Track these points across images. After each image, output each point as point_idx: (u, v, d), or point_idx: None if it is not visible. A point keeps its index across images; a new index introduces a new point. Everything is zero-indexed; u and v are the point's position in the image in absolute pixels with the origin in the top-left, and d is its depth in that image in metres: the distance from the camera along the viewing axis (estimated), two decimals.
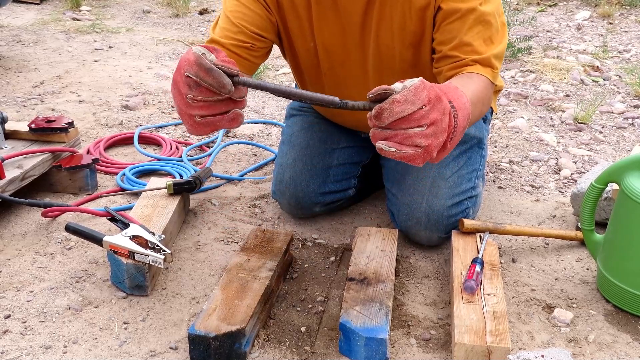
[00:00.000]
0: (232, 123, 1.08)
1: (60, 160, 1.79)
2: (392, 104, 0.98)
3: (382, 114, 0.99)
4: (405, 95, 0.98)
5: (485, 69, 1.33)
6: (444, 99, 1.03)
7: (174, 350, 1.20)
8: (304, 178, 1.65)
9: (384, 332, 1.14)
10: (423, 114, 1.00)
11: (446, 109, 1.03)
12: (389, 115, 0.99)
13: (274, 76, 3.08)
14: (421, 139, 1.01)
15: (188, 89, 1.05)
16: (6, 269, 1.45)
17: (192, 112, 1.07)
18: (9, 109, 2.46)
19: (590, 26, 3.99)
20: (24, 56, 3.21)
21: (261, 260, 1.36)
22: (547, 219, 1.74)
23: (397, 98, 0.98)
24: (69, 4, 4.34)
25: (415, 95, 0.99)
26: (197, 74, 1.03)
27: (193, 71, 1.03)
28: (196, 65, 1.03)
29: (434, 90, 1.02)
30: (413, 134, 1.00)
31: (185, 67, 1.04)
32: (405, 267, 1.51)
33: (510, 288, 1.42)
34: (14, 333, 1.24)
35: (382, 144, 1.02)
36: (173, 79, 1.10)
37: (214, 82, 1.02)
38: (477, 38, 1.34)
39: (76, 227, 1.41)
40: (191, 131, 1.12)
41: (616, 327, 1.29)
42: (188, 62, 1.04)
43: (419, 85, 1.00)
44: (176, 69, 1.09)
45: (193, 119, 1.08)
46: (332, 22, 1.44)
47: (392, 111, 0.98)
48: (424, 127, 1.01)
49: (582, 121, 2.45)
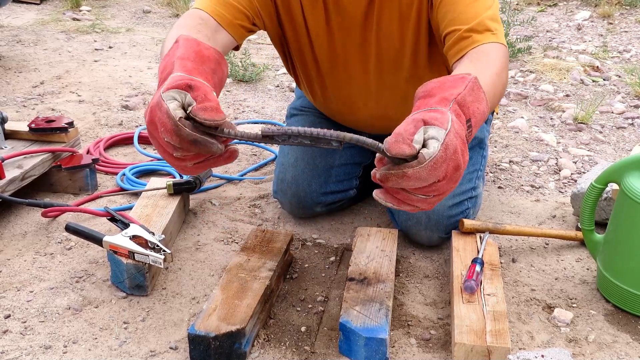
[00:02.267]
0: (228, 160, 1.00)
1: (60, 160, 1.79)
2: (401, 177, 0.88)
3: (388, 180, 0.90)
4: (419, 173, 0.87)
5: (484, 35, 1.23)
6: (463, 156, 0.92)
7: (174, 350, 1.20)
8: (306, 178, 1.64)
9: (384, 332, 1.14)
10: (434, 188, 0.91)
11: (462, 166, 0.92)
12: (395, 184, 0.90)
13: (274, 76, 3.08)
14: (424, 205, 0.94)
15: (173, 149, 0.95)
16: (6, 269, 1.45)
17: (183, 163, 0.99)
18: (9, 109, 2.46)
19: (590, 26, 3.99)
20: (24, 56, 3.21)
21: (261, 260, 1.37)
22: (547, 219, 1.74)
23: (409, 174, 0.88)
24: (69, 4, 4.34)
25: (431, 172, 0.88)
26: (180, 144, 0.93)
27: (175, 141, 0.93)
28: (176, 135, 0.91)
29: (456, 157, 0.90)
30: (416, 199, 0.93)
31: (163, 133, 0.93)
32: (405, 267, 1.51)
33: (510, 288, 1.42)
34: (14, 333, 1.24)
35: (379, 196, 0.94)
36: (149, 132, 0.98)
37: (201, 151, 0.94)
38: (467, 7, 1.25)
39: (76, 227, 1.41)
40: (185, 174, 1.05)
41: (616, 327, 1.29)
42: (165, 128, 0.92)
43: (438, 159, 0.87)
44: (148, 120, 0.96)
45: (185, 167, 1.00)
46: (333, 23, 1.44)
47: (398, 184, 0.90)
48: (431, 196, 0.93)
49: (582, 121, 2.45)
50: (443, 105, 0.96)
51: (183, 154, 0.95)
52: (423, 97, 1.01)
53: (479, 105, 1.01)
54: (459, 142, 0.91)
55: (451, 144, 0.89)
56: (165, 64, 1.06)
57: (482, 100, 1.02)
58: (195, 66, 1.02)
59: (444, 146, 0.88)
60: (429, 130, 0.90)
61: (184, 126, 0.91)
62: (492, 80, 1.12)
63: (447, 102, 0.96)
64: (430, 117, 0.92)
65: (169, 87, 0.94)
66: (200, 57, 1.05)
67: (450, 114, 0.93)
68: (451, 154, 0.89)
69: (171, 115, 0.91)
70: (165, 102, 0.92)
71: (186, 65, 1.01)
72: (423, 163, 0.87)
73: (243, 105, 2.66)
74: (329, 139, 0.91)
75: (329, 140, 0.92)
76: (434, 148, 0.88)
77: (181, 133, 0.91)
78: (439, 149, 0.87)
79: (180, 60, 1.02)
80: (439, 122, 0.91)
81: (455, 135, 0.91)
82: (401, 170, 0.88)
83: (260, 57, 3.43)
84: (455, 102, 0.97)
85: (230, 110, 2.59)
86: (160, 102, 0.93)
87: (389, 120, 1.54)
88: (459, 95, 0.98)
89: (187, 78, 0.96)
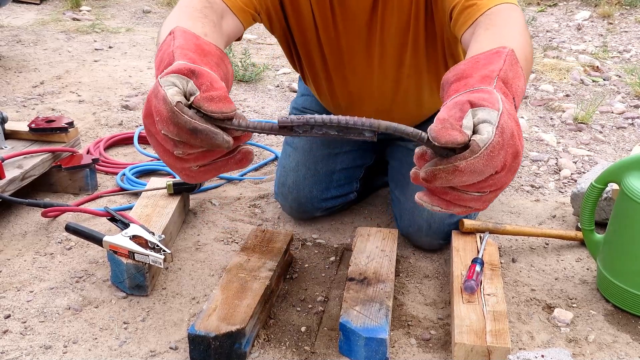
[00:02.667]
0: (241, 164, 0.85)
1: (60, 160, 1.79)
2: (452, 172, 0.73)
3: (435, 179, 0.75)
4: (474, 165, 0.72)
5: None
6: (520, 140, 0.78)
7: (174, 350, 1.20)
8: (307, 183, 1.64)
9: (384, 332, 1.14)
10: (491, 182, 0.77)
11: (521, 152, 0.78)
12: (444, 182, 0.75)
13: (274, 76, 3.08)
14: (478, 204, 0.80)
15: (173, 145, 0.81)
16: (6, 269, 1.45)
17: (186, 165, 0.84)
18: (9, 109, 2.46)
19: (590, 26, 3.99)
20: (24, 56, 3.21)
21: (261, 260, 1.36)
22: (547, 219, 1.74)
23: (461, 167, 0.72)
24: (69, 4, 4.34)
25: (488, 163, 0.73)
26: (178, 136, 0.78)
27: (172, 132, 0.78)
28: (173, 125, 0.77)
29: (514, 142, 0.76)
30: (469, 198, 0.79)
31: (160, 124, 0.79)
32: (405, 267, 1.51)
33: (510, 288, 1.42)
34: (14, 333, 1.24)
35: (423, 199, 0.80)
36: (146, 129, 0.85)
37: (204, 144, 0.79)
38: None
39: (76, 227, 1.41)
40: (189, 181, 0.89)
41: (616, 327, 1.29)
42: (161, 118, 0.78)
43: (495, 146, 0.73)
44: (145, 112, 0.83)
45: (188, 171, 0.85)
46: (339, 22, 1.41)
47: (449, 181, 0.74)
48: (487, 192, 0.79)
49: (582, 121, 2.45)
50: (486, 83, 0.82)
51: (185, 151, 0.81)
52: (457, 80, 0.87)
53: (518, 82, 0.88)
54: (513, 123, 0.77)
55: (507, 127, 0.75)
56: (162, 55, 0.93)
57: (521, 77, 0.89)
58: (199, 57, 0.89)
59: (499, 130, 0.73)
60: (479, 113, 0.76)
61: (182, 112, 0.77)
62: (522, 49, 0.96)
63: (490, 80, 0.83)
64: (477, 97, 0.77)
65: (168, 72, 0.81)
66: (201, 50, 0.93)
67: (498, 93, 0.79)
68: (508, 138, 0.75)
69: (167, 100, 0.77)
70: (163, 88, 0.78)
71: (188, 54, 0.88)
72: (477, 152, 0.72)
73: (243, 105, 2.66)
74: (361, 129, 0.76)
75: (361, 130, 0.77)
76: (488, 133, 0.73)
77: (178, 120, 0.76)
78: (494, 133, 0.73)
79: (181, 49, 0.89)
80: (488, 103, 0.76)
81: (509, 116, 0.77)
82: (451, 164, 0.73)
83: (260, 57, 3.43)
84: (499, 78, 0.83)
85: None
86: (158, 88, 0.79)
87: (395, 114, 1.53)
88: (500, 71, 0.84)
89: (189, 65, 0.83)
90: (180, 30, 0.96)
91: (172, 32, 0.96)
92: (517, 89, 0.86)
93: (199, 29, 1.01)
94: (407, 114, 1.59)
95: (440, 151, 0.75)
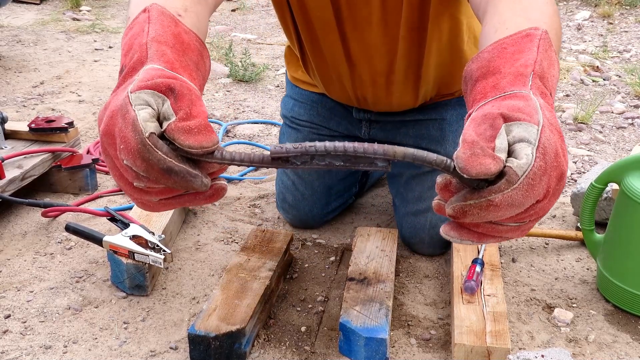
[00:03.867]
0: (211, 200, 0.71)
1: (60, 160, 1.79)
2: (485, 209, 0.60)
3: (465, 216, 0.62)
4: (512, 197, 0.60)
5: None
6: (564, 157, 0.64)
7: (174, 350, 1.20)
8: (307, 204, 1.62)
9: (384, 332, 1.14)
10: (532, 212, 0.64)
11: (566, 171, 0.65)
12: (476, 219, 0.62)
13: (274, 76, 3.08)
14: (515, 234, 0.67)
15: (134, 177, 0.66)
16: (6, 269, 1.45)
17: (145, 197, 0.70)
18: (9, 109, 2.46)
19: (590, 26, 3.99)
20: (24, 56, 3.21)
21: (261, 260, 1.37)
22: (547, 219, 1.74)
23: (496, 202, 0.60)
24: (69, 4, 4.34)
25: (529, 192, 0.60)
26: (146, 173, 0.64)
27: (139, 168, 0.64)
28: (142, 160, 0.63)
29: (558, 162, 0.62)
30: (506, 229, 0.66)
31: (123, 152, 0.64)
32: (405, 267, 1.51)
33: (510, 288, 1.42)
34: (14, 333, 1.24)
35: (450, 234, 0.67)
36: (102, 146, 0.70)
37: (177, 186, 0.66)
38: None
39: (76, 227, 1.41)
40: (146, 210, 0.75)
41: (616, 327, 1.29)
42: (126, 146, 0.64)
43: (537, 172, 0.60)
44: (104, 129, 0.68)
45: (147, 202, 0.72)
46: None
47: (482, 217, 0.62)
48: (526, 222, 0.66)
49: (582, 121, 2.45)
50: (520, 84, 0.67)
51: (148, 186, 0.67)
52: (483, 77, 0.72)
53: (553, 71, 0.73)
54: (557, 138, 0.64)
55: (550, 145, 0.61)
56: (131, 41, 0.77)
57: (555, 63, 0.74)
58: (177, 57, 0.75)
59: (540, 151, 0.60)
60: (514, 130, 0.62)
61: (156, 148, 0.62)
62: (552, 24, 0.80)
63: (524, 79, 0.68)
64: (511, 107, 0.64)
65: (142, 87, 0.66)
66: (180, 44, 0.78)
67: (535, 97, 0.66)
68: (552, 159, 0.61)
69: (138, 128, 0.63)
70: (134, 108, 0.64)
71: (165, 53, 0.74)
72: (515, 182, 0.59)
73: (243, 105, 2.66)
74: (372, 157, 0.63)
75: (372, 160, 0.63)
76: (527, 157, 0.60)
77: (150, 157, 0.62)
78: (534, 157, 0.60)
79: (157, 44, 0.74)
80: (525, 115, 0.63)
81: (551, 129, 0.63)
82: (485, 199, 0.60)
83: (260, 57, 3.43)
84: (535, 75, 0.69)
85: (230, 110, 2.59)
86: (127, 107, 0.64)
87: (394, 84, 1.39)
88: (535, 64, 0.70)
89: (168, 75, 0.69)
90: (157, 10, 0.80)
91: (148, 10, 0.80)
92: (553, 79, 0.73)
93: (179, 2, 0.86)
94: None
95: (470, 182, 0.62)
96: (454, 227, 0.67)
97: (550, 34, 0.75)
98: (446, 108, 1.52)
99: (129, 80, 0.71)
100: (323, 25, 1.32)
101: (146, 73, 0.69)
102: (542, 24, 0.76)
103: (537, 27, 0.75)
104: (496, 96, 0.67)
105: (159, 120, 0.66)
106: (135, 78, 0.69)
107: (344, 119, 1.59)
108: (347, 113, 1.58)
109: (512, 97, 0.66)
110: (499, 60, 0.72)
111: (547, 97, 0.69)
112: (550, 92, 0.71)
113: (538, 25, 0.75)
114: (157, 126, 0.65)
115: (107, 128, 0.67)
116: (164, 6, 0.82)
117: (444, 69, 1.40)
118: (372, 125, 1.56)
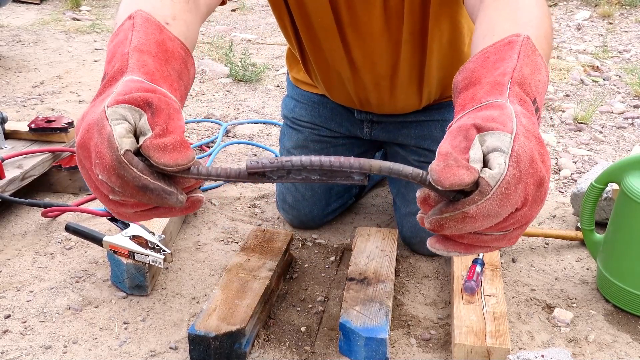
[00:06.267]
0: (187, 212, 0.72)
1: (60, 160, 1.79)
2: (461, 221, 0.61)
3: (442, 228, 0.63)
4: (486, 208, 0.60)
5: None
6: (543, 162, 0.64)
7: (174, 350, 1.20)
8: (307, 204, 1.62)
9: (384, 332, 1.14)
10: (513, 221, 0.64)
11: (546, 177, 0.64)
12: (455, 231, 0.63)
13: (274, 76, 3.08)
14: (503, 242, 0.67)
15: (110, 191, 0.67)
16: (6, 269, 1.45)
17: (120, 209, 0.71)
18: (9, 109, 2.46)
19: (590, 26, 3.99)
20: (24, 56, 3.21)
21: (261, 260, 1.37)
22: (547, 219, 1.74)
23: (471, 213, 0.60)
24: (69, 4, 4.35)
25: (504, 201, 0.60)
26: (122, 189, 0.65)
27: (114, 184, 0.65)
28: (117, 177, 0.64)
29: (535, 169, 0.62)
30: (491, 239, 0.66)
31: (99, 168, 0.65)
32: (405, 267, 1.51)
33: (510, 288, 1.42)
34: (14, 333, 1.24)
35: (436, 247, 0.68)
36: (78, 159, 0.70)
37: (152, 202, 0.67)
38: None
39: (76, 227, 1.41)
40: (123, 219, 0.77)
41: (616, 327, 1.29)
42: (101, 162, 0.64)
43: (510, 181, 0.60)
44: (80, 142, 0.68)
45: (123, 212, 0.72)
46: None
47: (460, 229, 0.63)
48: (510, 230, 0.66)
49: (582, 121, 2.45)
50: (497, 93, 0.68)
51: (123, 199, 0.68)
52: (465, 88, 0.74)
53: (538, 75, 0.73)
54: (533, 144, 0.64)
55: (523, 153, 0.62)
56: (115, 49, 0.77)
57: (541, 67, 0.74)
58: (158, 66, 0.75)
59: (513, 159, 0.61)
60: (487, 140, 0.63)
61: (131, 165, 0.63)
62: (540, 26, 0.80)
63: (501, 88, 0.69)
64: (485, 117, 0.65)
65: (120, 101, 0.66)
66: (163, 52, 0.78)
67: (511, 104, 0.66)
68: (527, 167, 0.62)
69: (114, 145, 0.63)
70: (110, 124, 0.64)
71: (146, 63, 0.74)
72: (488, 193, 0.60)
73: (243, 105, 2.66)
74: (348, 171, 0.65)
75: (349, 173, 0.65)
76: (500, 166, 0.61)
77: (125, 175, 0.63)
78: (507, 165, 0.61)
79: (139, 54, 0.74)
80: (498, 124, 0.63)
81: (526, 135, 0.64)
82: (459, 211, 0.61)
83: (260, 57, 3.43)
84: (513, 82, 0.69)
85: (230, 110, 2.59)
86: (103, 121, 0.65)
87: (397, 87, 1.40)
88: (514, 72, 0.70)
89: (147, 88, 0.69)
90: (141, 18, 0.79)
91: (133, 17, 0.80)
92: (538, 84, 0.72)
93: (167, 10, 0.85)
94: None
95: (446, 194, 0.63)
96: (439, 240, 0.68)
97: (537, 38, 0.76)
98: (448, 109, 1.53)
99: (107, 90, 0.71)
100: (324, 31, 1.32)
101: (125, 85, 0.69)
102: (529, 28, 0.77)
103: (518, 33, 0.75)
104: (473, 107, 0.68)
105: (135, 135, 0.66)
106: (113, 90, 0.69)
107: (345, 120, 1.59)
108: (348, 114, 1.58)
109: (488, 107, 0.67)
110: (481, 70, 0.73)
111: (526, 104, 0.69)
112: (535, 96, 0.71)
113: (525, 30, 0.76)
114: (134, 142, 0.65)
115: (83, 141, 0.67)
116: (151, 13, 0.81)
117: (446, 71, 1.41)
118: (373, 126, 1.57)
